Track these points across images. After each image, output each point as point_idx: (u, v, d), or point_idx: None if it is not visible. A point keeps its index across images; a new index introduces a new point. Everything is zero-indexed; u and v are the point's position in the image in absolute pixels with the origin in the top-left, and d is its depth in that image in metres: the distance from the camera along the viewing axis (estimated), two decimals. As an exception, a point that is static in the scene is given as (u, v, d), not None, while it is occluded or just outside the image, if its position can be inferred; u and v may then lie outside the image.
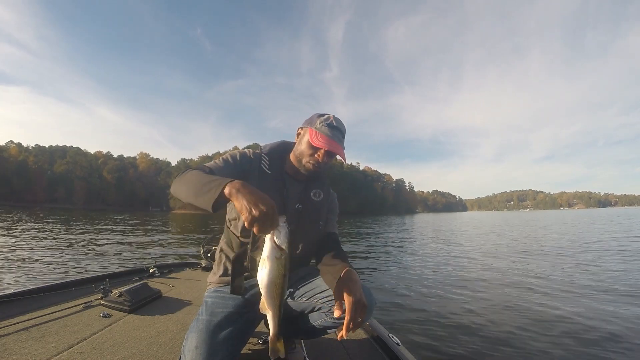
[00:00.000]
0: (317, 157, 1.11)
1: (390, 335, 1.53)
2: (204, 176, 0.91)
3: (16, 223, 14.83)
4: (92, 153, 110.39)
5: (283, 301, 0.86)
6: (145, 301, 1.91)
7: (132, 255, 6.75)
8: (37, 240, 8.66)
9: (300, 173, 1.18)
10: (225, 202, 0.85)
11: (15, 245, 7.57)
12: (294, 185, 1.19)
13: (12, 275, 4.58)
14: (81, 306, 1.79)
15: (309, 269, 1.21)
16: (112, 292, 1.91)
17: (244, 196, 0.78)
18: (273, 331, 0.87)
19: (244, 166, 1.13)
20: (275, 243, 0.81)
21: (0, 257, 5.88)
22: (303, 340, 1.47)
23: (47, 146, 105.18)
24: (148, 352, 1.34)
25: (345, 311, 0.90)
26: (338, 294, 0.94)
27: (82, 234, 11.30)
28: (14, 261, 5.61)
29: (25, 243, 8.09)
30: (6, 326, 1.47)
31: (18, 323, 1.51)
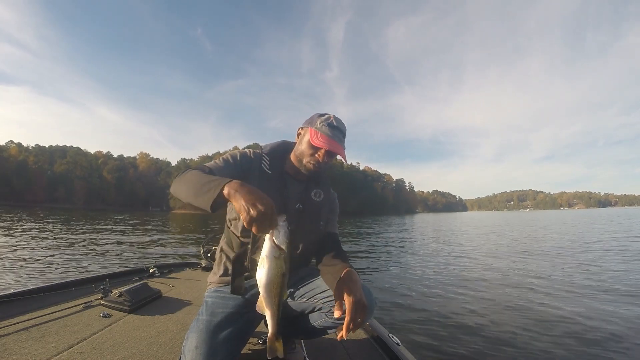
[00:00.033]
0: (318, 157, 1.11)
1: (390, 335, 1.53)
2: (203, 176, 0.91)
3: (16, 223, 14.83)
4: (92, 153, 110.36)
5: (282, 301, 0.86)
6: (145, 301, 1.91)
7: (132, 255, 6.76)
8: (37, 240, 8.66)
9: (301, 173, 1.17)
10: (224, 203, 0.85)
11: (15, 245, 7.57)
12: (294, 185, 1.19)
13: (13, 275, 4.58)
14: (81, 306, 1.79)
15: (309, 269, 1.21)
16: (112, 292, 1.91)
17: (242, 196, 0.78)
18: (271, 330, 0.87)
19: (244, 166, 1.13)
20: (275, 242, 0.81)
21: (1, 257, 5.88)
22: (303, 340, 1.47)
23: (47, 146, 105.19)
24: (148, 352, 1.33)
25: (346, 311, 0.90)
26: (338, 294, 0.94)
27: (82, 234, 11.30)
28: (14, 261, 5.61)
29: (26, 243, 8.09)
30: (6, 326, 1.47)
31: (18, 323, 1.50)
